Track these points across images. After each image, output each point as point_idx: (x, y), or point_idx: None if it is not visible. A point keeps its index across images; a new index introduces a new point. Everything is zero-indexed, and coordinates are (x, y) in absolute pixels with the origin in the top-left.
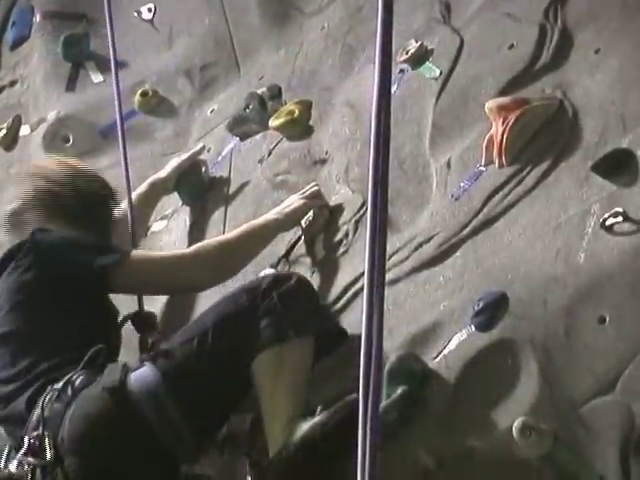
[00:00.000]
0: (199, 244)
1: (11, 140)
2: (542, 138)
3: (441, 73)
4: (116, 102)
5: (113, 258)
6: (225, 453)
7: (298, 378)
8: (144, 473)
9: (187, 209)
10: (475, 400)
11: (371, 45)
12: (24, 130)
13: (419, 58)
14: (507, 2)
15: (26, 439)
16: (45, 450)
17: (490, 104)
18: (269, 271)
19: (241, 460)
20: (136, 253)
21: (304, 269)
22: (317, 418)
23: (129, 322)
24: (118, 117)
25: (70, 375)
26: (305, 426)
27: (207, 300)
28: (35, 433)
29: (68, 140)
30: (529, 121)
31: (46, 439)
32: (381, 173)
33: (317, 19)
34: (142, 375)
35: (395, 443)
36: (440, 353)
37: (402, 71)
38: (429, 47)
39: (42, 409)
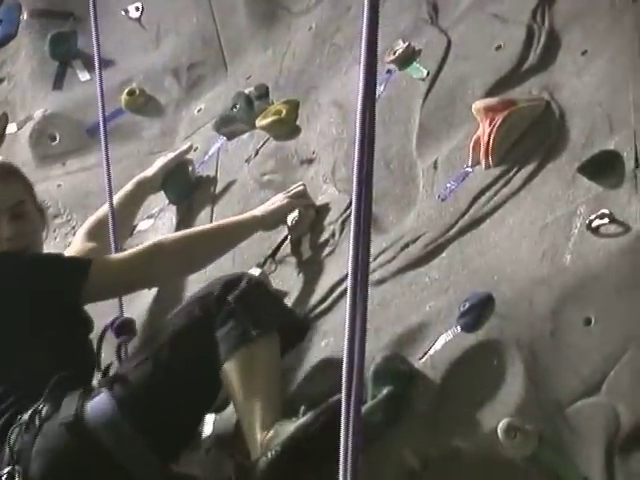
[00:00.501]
0: (160, 238)
1: None
2: (529, 139)
3: (428, 74)
4: (99, 102)
5: (77, 271)
6: (210, 453)
7: (270, 377)
8: None
9: (174, 208)
10: (460, 401)
11: (358, 45)
12: (11, 128)
13: (406, 58)
14: (495, 3)
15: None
16: None
17: (477, 105)
18: (256, 271)
19: (226, 460)
20: (97, 260)
21: (290, 269)
22: (302, 419)
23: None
24: (101, 117)
25: (36, 405)
26: (290, 427)
27: None
28: (7, 470)
29: (55, 138)
30: (516, 122)
31: (16, 475)
32: (365, 172)
33: (305, 19)
34: (98, 404)
35: (381, 443)
36: (426, 353)
37: (389, 71)
38: (416, 48)
39: (11, 445)
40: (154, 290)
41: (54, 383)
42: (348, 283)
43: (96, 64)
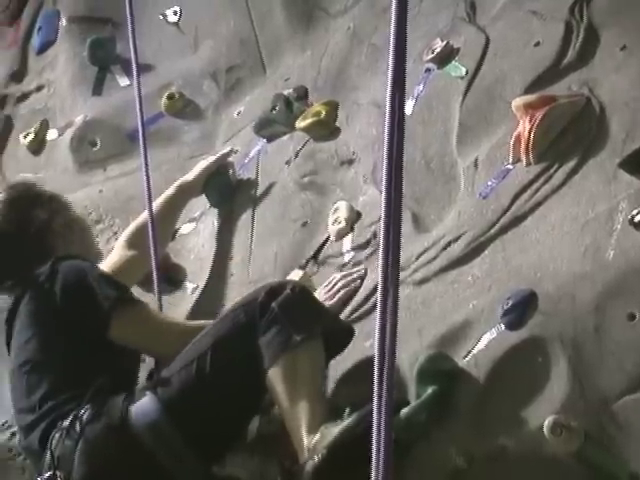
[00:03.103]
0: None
1: (39, 144)
2: (569, 135)
3: (467, 72)
4: (137, 107)
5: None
6: (255, 456)
7: (314, 382)
8: None
9: (215, 211)
10: (505, 399)
11: None
12: (51, 134)
13: (445, 57)
14: (532, 0)
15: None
16: None
17: (517, 102)
18: (298, 272)
19: (271, 463)
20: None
21: (332, 270)
22: (346, 422)
23: None
24: (140, 122)
25: (77, 411)
26: (335, 430)
27: None
28: (47, 474)
29: (95, 144)
30: (556, 119)
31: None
32: (395, 172)
33: (342, 20)
34: (143, 406)
35: (425, 442)
36: (470, 352)
37: (428, 70)
38: (455, 46)
39: (52, 450)
40: (195, 295)
41: (95, 389)
42: (378, 287)
43: (134, 69)
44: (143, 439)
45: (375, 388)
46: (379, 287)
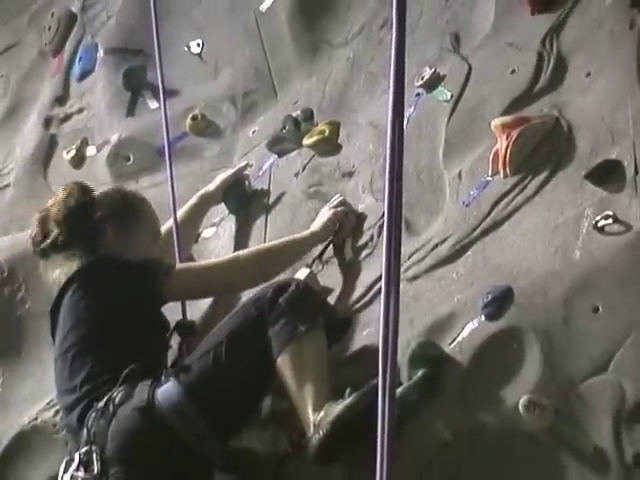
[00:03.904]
0: (237, 252)
1: (80, 160)
2: (541, 151)
3: (452, 96)
4: (164, 127)
5: (161, 276)
6: (268, 429)
7: (319, 367)
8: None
9: (233, 217)
10: (486, 380)
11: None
12: (90, 151)
13: (433, 83)
14: (509, 33)
15: (77, 455)
16: (93, 464)
17: (495, 122)
18: (305, 271)
19: (282, 436)
20: (179, 266)
21: (335, 268)
22: (347, 400)
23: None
24: (166, 140)
25: (110, 393)
26: (337, 408)
27: None
28: (84, 449)
29: (129, 159)
30: (529, 136)
31: (94, 454)
32: (396, 184)
33: (344, 50)
34: (167, 391)
35: (417, 418)
36: (455, 340)
37: (418, 95)
38: (441, 73)
39: (88, 428)
40: None
41: (127, 374)
42: (382, 280)
43: (160, 94)
44: (168, 419)
45: (380, 370)
46: (383, 281)
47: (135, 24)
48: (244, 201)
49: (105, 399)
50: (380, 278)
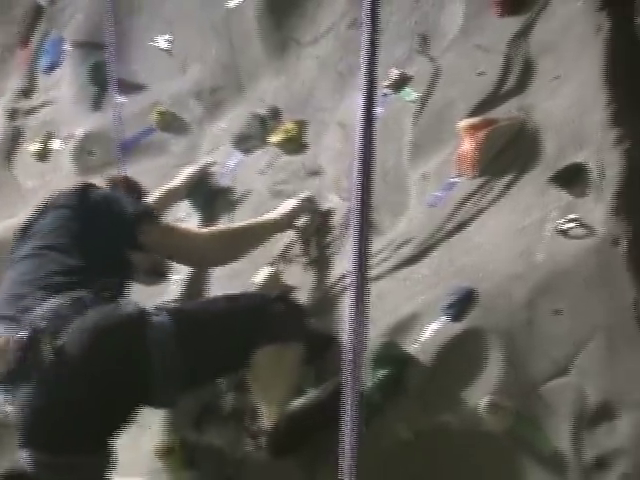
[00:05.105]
0: (214, 227)
1: (45, 153)
2: (507, 153)
3: (419, 97)
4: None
5: (148, 214)
6: (229, 426)
7: (291, 376)
8: (116, 395)
9: (197, 214)
10: (448, 381)
11: (359, 72)
12: (56, 144)
13: (400, 84)
14: (477, 34)
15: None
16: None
17: (462, 124)
18: (268, 269)
19: (243, 429)
20: (167, 222)
21: (299, 267)
22: (309, 394)
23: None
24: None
25: (83, 293)
26: (299, 401)
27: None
28: (41, 324)
29: (93, 153)
30: (496, 138)
31: (46, 341)
32: (365, 184)
33: (312, 49)
34: (160, 319)
35: (379, 418)
36: (418, 340)
37: (385, 95)
38: (409, 74)
39: (45, 311)
40: (178, 286)
41: (106, 283)
42: (350, 279)
43: (112, 88)
44: (150, 338)
45: (346, 369)
46: (351, 280)
47: (102, 18)
48: (209, 198)
49: (78, 295)
50: (344, 277)
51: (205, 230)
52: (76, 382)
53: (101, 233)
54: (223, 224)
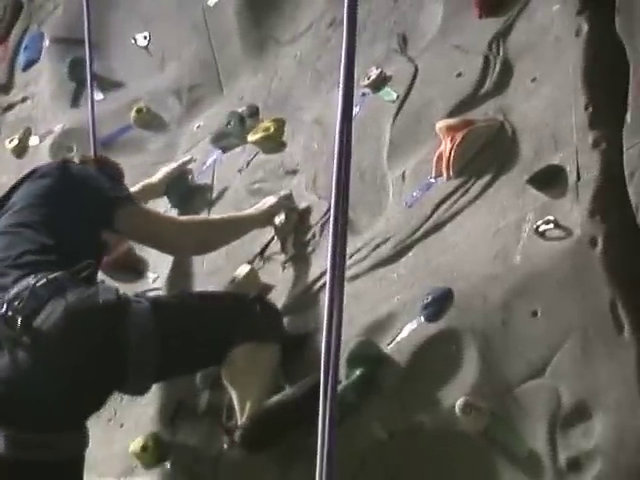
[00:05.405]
0: (191, 216)
1: (22, 149)
2: (485, 154)
3: (398, 97)
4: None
5: (126, 193)
6: (205, 422)
7: (267, 374)
8: (90, 378)
9: (175, 211)
10: (423, 381)
11: (337, 71)
12: (34, 141)
13: (379, 83)
14: (456, 35)
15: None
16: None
17: (440, 124)
18: (246, 267)
19: (218, 427)
20: (142, 205)
21: (276, 265)
22: (285, 391)
23: None
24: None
25: (59, 273)
26: (274, 398)
27: None
28: (16, 303)
29: (72, 149)
30: (474, 139)
31: (20, 310)
32: (343, 182)
33: (290, 48)
34: (139, 306)
35: (354, 418)
36: (394, 340)
37: (364, 94)
38: (388, 74)
39: (27, 286)
40: (156, 284)
41: (84, 265)
42: (327, 277)
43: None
44: (128, 323)
45: (322, 367)
46: (328, 279)
47: (82, 14)
48: (187, 195)
49: (54, 275)
50: (322, 275)
51: (182, 217)
52: (51, 362)
53: (77, 211)
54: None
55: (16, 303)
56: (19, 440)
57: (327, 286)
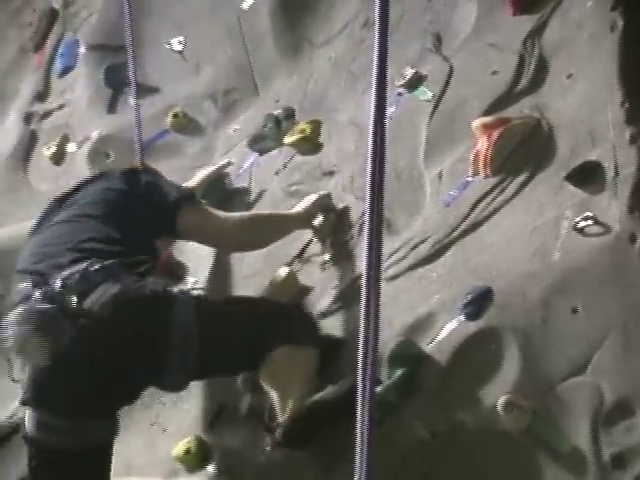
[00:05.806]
0: (243, 213)
1: (60, 156)
2: (521, 152)
3: (433, 96)
4: (137, 124)
5: (189, 195)
6: (249, 426)
7: (306, 375)
8: (131, 366)
9: None
10: (464, 380)
11: (372, 72)
12: (71, 147)
13: (414, 83)
14: (490, 33)
15: (59, 280)
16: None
17: (476, 123)
18: (285, 269)
19: (259, 426)
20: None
21: (315, 267)
22: (326, 389)
23: None
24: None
25: (114, 261)
26: (315, 396)
27: None
28: (68, 282)
29: (109, 156)
30: (510, 137)
31: (75, 289)
32: (378, 183)
33: (325, 50)
34: (185, 299)
35: (395, 418)
36: (434, 340)
37: (400, 94)
38: (423, 73)
39: (86, 267)
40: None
41: (140, 259)
42: (363, 278)
43: (132, 90)
44: (172, 317)
45: (360, 368)
46: (364, 280)
47: (117, 21)
48: (224, 199)
49: (109, 262)
50: (361, 276)
51: (236, 214)
52: (92, 345)
53: (142, 214)
54: None
55: (68, 282)
56: (50, 425)
57: (363, 285)
